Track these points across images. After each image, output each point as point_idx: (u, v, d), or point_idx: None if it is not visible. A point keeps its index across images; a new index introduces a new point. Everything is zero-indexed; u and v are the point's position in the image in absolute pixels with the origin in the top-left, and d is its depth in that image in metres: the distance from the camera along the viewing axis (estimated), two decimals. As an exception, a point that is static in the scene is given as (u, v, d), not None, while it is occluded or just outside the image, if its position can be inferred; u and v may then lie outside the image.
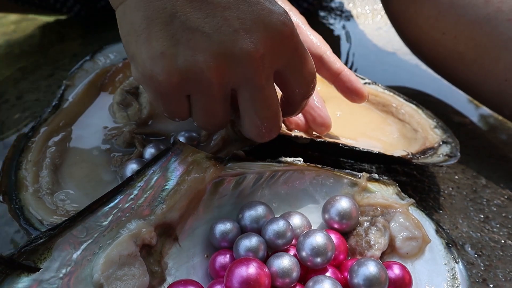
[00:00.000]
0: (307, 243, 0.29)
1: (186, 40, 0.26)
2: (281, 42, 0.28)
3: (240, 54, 0.27)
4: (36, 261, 0.25)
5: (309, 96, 0.32)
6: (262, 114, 0.29)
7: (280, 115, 0.31)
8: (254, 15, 0.27)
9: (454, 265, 0.31)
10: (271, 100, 0.29)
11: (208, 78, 0.27)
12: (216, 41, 0.26)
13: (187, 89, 0.28)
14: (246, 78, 0.28)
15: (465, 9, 0.47)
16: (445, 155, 0.41)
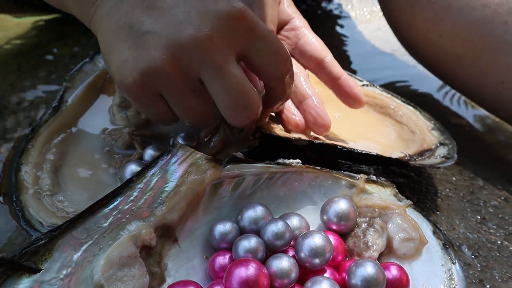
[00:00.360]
0: (305, 244, 0.29)
1: (142, 43, 0.29)
2: (231, 24, 0.29)
3: (188, 41, 0.28)
4: (37, 262, 0.25)
5: (283, 76, 0.32)
6: (229, 94, 0.30)
7: (252, 94, 0.30)
8: (199, 5, 0.29)
9: (451, 266, 0.31)
10: (234, 78, 0.29)
11: (166, 72, 0.29)
12: (165, 36, 0.28)
13: (154, 87, 0.30)
14: (201, 62, 0.29)
15: (462, 12, 0.48)
16: (442, 157, 0.41)
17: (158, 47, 0.28)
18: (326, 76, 0.40)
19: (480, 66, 0.48)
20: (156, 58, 0.28)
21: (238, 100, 0.30)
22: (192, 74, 0.30)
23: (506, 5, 0.45)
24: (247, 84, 0.30)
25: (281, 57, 0.31)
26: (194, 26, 0.28)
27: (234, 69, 0.29)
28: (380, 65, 0.68)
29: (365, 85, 0.51)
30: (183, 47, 0.28)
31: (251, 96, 0.30)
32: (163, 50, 0.28)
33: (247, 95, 0.30)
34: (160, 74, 0.29)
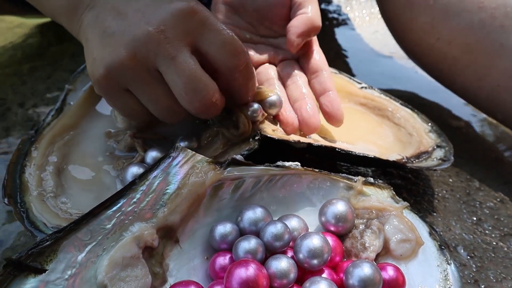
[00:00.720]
0: (304, 245, 0.30)
1: (108, 43, 0.33)
2: (183, 18, 0.32)
3: (143, 36, 0.32)
4: (43, 263, 0.26)
5: (235, 68, 0.34)
6: (182, 80, 0.32)
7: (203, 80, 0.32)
8: (157, 7, 0.33)
9: (446, 267, 0.32)
10: (186, 66, 0.32)
11: (128, 66, 0.32)
12: (126, 34, 0.32)
13: (120, 82, 0.33)
14: (156, 54, 0.32)
15: (459, 15, 0.48)
16: (439, 159, 0.42)
17: (120, 45, 0.32)
18: (318, 86, 0.42)
19: (476, 69, 0.48)
20: (118, 54, 0.32)
21: (190, 86, 0.32)
22: (151, 66, 0.32)
23: (502, 9, 0.46)
24: (198, 71, 0.32)
25: (232, 49, 0.33)
26: (149, 23, 0.32)
27: (186, 58, 0.32)
28: (378, 67, 0.68)
29: (364, 88, 0.51)
30: (139, 41, 0.32)
31: (202, 81, 0.32)
32: (124, 47, 0.32)
33: (198, 81, 0.32)
34: (123, 69, 0.32)
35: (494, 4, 0.46)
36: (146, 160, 0.37)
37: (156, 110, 0.35)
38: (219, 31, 0.33)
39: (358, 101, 0.50)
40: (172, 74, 0.32)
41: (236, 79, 0.35)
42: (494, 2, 0.46)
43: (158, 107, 0.34)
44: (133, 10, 0.33)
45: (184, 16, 0.32)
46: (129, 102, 0.35)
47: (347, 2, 0.91)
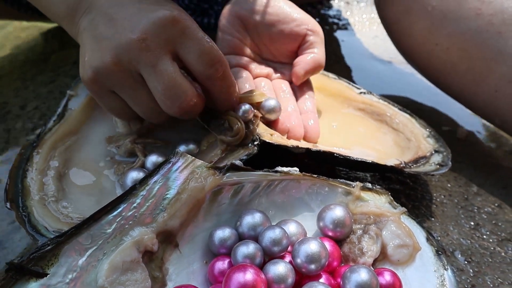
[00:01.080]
0: (302, 250, 0.30)
1: (98, 47, 0.35)
2: (165, 27, 0.34)
3: (126, 43, 0.34)
4: (44, 267, 0.26)
5: (212, 76, 0.36)
6: (161, 86, 0.34)
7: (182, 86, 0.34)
8: (141, 16, 0.35)
9: (443, 272, 0.32)
10: (166, 73, 0.34)
11: (112, 70, 0.34)
12: (113, 40, 0.34)
13: (106, 84, 0.35)
14: (138, 61, 0.34)
15: (457, 22, 0.49)
16: (437, 164, 0.42)
17: (107, 50, 0.34)
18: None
19: (474, 74, 0.49)
20: (104, 59, 0.34)
21: (169, 92, 0.34)
22: (134, 71, 0.35)
23: (500, 15, 0.46)
24: (178, 78, 0.34)
25: (209, 59, 0.35)
26: (133, 31, 0.34)
27: (166, 65, 0.34)
28: (378, 72, 0.69)
29: (362, 93, 0.52)
30: (123, 48, 0.34)
31: (181, 88, 0.34)
32: (110, 53, 0.34)
33: (177, 87, 0.34)
34: (108, 73, 0.34)
35: (492, 11, 0.47)
36: (146, 165, 0.37)
37: (140, 111, 0.37)
38: (199, 41, 0.35)
39: (356, 106, 0.51)
40: (153, 81, 0.34)
41: (214, 87, 0.37)
42: (491, 8, 0.47)
43: (142, 109, 0.37)
44: (121, 18, 0.35)
45: (166, 25, 0.34)
46: (115, 103, 0.37)
47: (347, 6, 0.91)
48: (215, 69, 0.36)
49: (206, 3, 0.72)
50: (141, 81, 0.35)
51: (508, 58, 0.46)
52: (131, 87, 0.35)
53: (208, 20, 0.72)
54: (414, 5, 0.52)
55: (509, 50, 0.45)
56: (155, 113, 0.37)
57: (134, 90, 0.35)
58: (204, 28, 0.72)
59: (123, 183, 0.36)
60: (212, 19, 0.72)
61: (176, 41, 0.35)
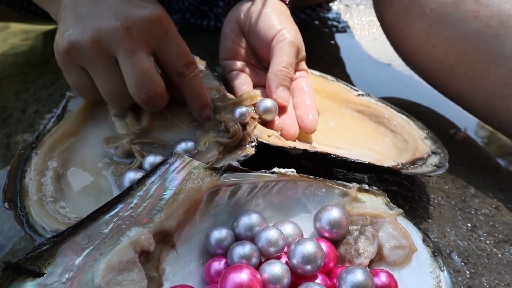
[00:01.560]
0: (298, 251, 0.30)
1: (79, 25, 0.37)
2: (150, 24, 0.37)
3: (111, 28, 0.36)
4: (41, 266, 0.27)
5: (182, 75, 0.40)
6: (134, 73, 0.37)
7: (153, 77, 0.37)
8: (128, 7, 0.37)
9: (439, 273, 0.32)
10: (142, 63, 0.36)
11: (89, 47, 0.36)
12: (96, 23, 0.36)
13: (77, 59, 0.37)
14: (117, 46, 0.36)
15: (455, 24, 0.49)
16: (434, 166, 0.43)
17: (89, 28, 0.36)
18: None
19: (472, 76, 0.49)
20: (84, 35, 0.36)
21: (141, 78, 0.37)
22: (110, 53, 0.37)
23: (497, 17, 0.46)
24: (151, 69, 0.37)
25: (186, 59, 0.39)
26: (118, 19, 0.36)
27: (143, 57, 0.37)
28: (376, 75, 0.69)
29: (361, 95, 0.52)
30: (107, 31, 0.36)
31: (152, 77, 0.37)
32: (91, 32, 0.36)
33: (149, 76, 0.37)
34: (85, 48, 0.36)
35: (489, 13, 0.47)
36: (144, 166, 0.37)
37: (105, 92, 0.39)
38: (178, 43, 0.39)
39: (355, 108, 0.51)
40: (128, 65, 0.37)
41: (185, 83, 0.40)
42: (489, 11, 0.47)
43: (107, 89, 0.38)
44: (107, 5, 0.37)
45: (152, 22, 0.37)
46: (82, 79, 0.39)
47: (346, 9, 0.91)
48: (187, 68, 0.39)
49: (205, 5, 0.72)
50: (115, 64, 0.37)
51: (505, 60, 0.46)
52: (103, 68, 0.37)
53: (207, 22, 0.72)
54: (412, 8, 0.52)
55: (507, 52, 0.46)
56: (118, 96, 0.39)
57: (105, 71, 0.37)
58: (204, 30, 0.72)
59: (121, 184, 0.36)
60: (211, 21, 0.72)
61: (158, 40, 0.38)
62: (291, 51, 0.45)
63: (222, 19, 0.71)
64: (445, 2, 0.49)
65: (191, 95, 0.41)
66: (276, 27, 0.46)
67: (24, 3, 0.65)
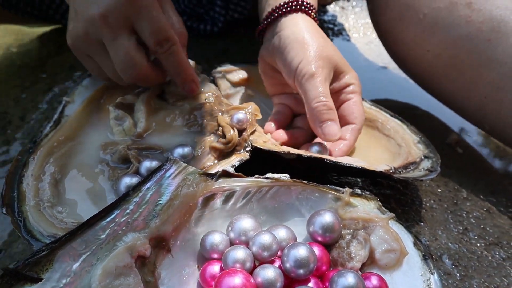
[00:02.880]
0: (291, 255, 0.31)
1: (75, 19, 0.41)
2: (124, 5, 0.39)
3: (91, 18, 0.39)
4: (39, 272, 0.27)
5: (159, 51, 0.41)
6: (118, 58, 0.40)
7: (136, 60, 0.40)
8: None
9: (429, 276, 0.33)
10: (122, 48, 0.39)
11: (83, 39, 0.40)
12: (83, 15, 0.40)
13: (81, 49, 0.42)
14: (101, 34, 0.39)
15: (447, 29, 0.50)
16: (426, 170, 0.43)
17: (79, 22, 0.40)
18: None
19: (464, 81, 0.50)
20: (77, 29, 0.40)
21: (123, 64, 0.40)
22: (99, 41, 0.40)
23: (489, 23, 0.47)
24: (131, 52, 0.40)
25: (158, 37, 0.40)
26: (98, 7, 0.39)
27: (123, 40, 0.39)
28: (372, 78, 0.70)
29: (355, 99, 0.52)
30: (89, 22, 0.39)
31: (133, 60, 0.40)
32: (80, 24, 0.40)
33: (130, 60, 0.40)
34: (81, 41, 0.41)
35: (481, 19, 0.47)
36: (140, 171, 0.38)
37: (109, 73, 0.42)
38: (150, 20, 0.40)
39: (349, 112, 0.52)
40: (111, 52, 0.40)
41: (164, 61, 0.42)
42: (481, 16, 0.48)
43: (109, 72, 0.42)
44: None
45: (125, 3, 0.39)
46: (92, 64, 0.43)
47: (342, 11, 0.92)
48: (161, 45, 0.41)
49: (201, 8, 0.73)
50: (106, 50, 0.40)
51: (497, 64, 0.46)
52: (99, 54, 0.41)
53: (204, 27, 0.73)
54: (406, 13, 0.52)
55: (498, 57, 0.46)
56: (119, 77, 0.42)
57: (101, 56, 0.41)
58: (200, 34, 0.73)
59: (117, 189, 0.36)
60: (208, 26, 0.73)
61: (133, 18, 0.40)
62: (316, 83, 0.42)
63: (219, 24, 0.72)
64: (438, 8, 0.50)
65: (171, 72, 0.43)
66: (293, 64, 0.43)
67: (20, 5, 0.66)
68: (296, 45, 0.44)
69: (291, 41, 0.44)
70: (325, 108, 0.41)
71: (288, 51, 0.44)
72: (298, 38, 0.44)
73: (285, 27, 0.46)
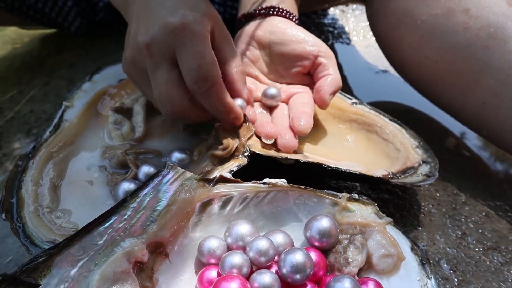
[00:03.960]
0: (287, 260, 0.31)
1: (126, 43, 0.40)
2: (169, 34, 0.37)
3: (137, 46, 0.38)
4: (37, 278, 0.27)
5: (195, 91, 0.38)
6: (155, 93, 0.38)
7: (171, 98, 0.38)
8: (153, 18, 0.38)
9: (426, 281, 0.33)
10: (160, 82, 0.38)
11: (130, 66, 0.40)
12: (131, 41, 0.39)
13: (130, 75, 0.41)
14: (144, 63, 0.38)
15: (445, 35, 0.50)
16: (424, 175, 0.43)
17: (128, 48, 0.40)
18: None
19: (462, 87, 0.50)
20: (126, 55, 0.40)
21: (159, 99, 0.38)
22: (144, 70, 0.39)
23: (486, 29, 0.47)
24: (169, 88, 0.38)
25: (195, 75, 0.37)
26: (144, 35, 0.38)
27: (162, 73, 0.37)
28: (371, 81, 0.70)
29: (354, 103, 0.53)
30: (135, 51, 0.39)
31: (169, 98, 0.38)
32: (128, 51, 0.39)
33: (166, 97, 0.38)
34: (129, 67, 0.40)
35: (479, 25, 0.48)
36: (138, 176, 0.38)
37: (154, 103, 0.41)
38: (192, 55, 0.37)
39: (348, 117, 0.52)
40: (152, 83, 0.39)
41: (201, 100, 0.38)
42: (478, 23, 0.48)
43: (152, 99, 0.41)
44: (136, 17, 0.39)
45: (170, 33, 0.37)
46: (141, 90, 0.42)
47: (342, 14, 0.92)
48: (198, 86, 0.37)
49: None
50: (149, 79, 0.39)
51: (494, 71, 0.47)
52: (144, 83, 0.40)
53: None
54: (405, 19, 0.53)
55: (496, 63, 0.46)
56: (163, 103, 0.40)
57: (145, 86, 0.40)
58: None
59: (115, 194, 0.37)
60: None
61: (177, 50, 0.37)
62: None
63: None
64: (436, 14, 0.50)
65: (212, 111, 0.39)
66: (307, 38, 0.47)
67: (22, 8, 0.66)
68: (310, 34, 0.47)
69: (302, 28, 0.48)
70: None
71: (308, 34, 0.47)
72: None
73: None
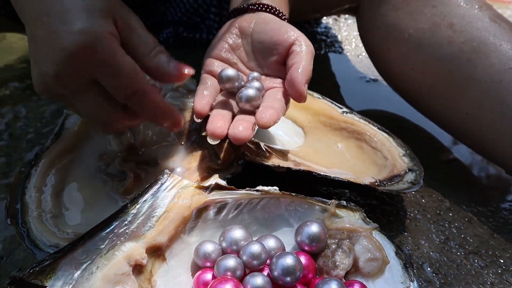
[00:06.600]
0: (278, 264, 0.33)
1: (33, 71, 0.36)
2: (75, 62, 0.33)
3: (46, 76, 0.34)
4: (43, 280, 0.29)
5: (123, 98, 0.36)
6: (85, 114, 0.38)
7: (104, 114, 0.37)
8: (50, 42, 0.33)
9: (409, 284, 0.35)
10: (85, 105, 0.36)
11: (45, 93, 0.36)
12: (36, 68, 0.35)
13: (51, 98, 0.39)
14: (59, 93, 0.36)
15: (431, 48, 0.52)
16: (409, 183, 0.45)
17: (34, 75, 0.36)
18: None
19: (447, 98, 0.52)
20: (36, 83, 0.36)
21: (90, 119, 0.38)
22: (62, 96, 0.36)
23: (470, 43, 0.50)
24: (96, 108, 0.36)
25: (122, 92, 0.36)
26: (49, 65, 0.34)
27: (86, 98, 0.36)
28: (362, 90, 0.72)
29: (345, 112, 0.55)
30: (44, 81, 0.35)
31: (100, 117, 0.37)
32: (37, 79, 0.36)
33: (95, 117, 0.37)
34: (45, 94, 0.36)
35: (462, 39, 0.50)
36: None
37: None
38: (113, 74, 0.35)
39: (339, 126, 0.54)
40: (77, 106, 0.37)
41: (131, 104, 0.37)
42: (462, 37, 0.50)
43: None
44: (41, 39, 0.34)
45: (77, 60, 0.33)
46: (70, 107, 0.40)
47: (335, 23, 0.95)
48: (129, 100, 0.36)
49: (198, 17, 0.75)
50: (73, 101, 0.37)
51: (477, 83, 0.49)
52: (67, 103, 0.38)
53: (200, 35, 0.75)
54: (392, 32, 0.55)
55: (478, 76, 0.49)
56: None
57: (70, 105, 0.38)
58: (196, 43, 0.75)
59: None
60: (203, 34, 0.75)
61: (92, 70, 0.34)
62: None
63: (214, 32, 0.74)
64: (422, 28, 0.52)
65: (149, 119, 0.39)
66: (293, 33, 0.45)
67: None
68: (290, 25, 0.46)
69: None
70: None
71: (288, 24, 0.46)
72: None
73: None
